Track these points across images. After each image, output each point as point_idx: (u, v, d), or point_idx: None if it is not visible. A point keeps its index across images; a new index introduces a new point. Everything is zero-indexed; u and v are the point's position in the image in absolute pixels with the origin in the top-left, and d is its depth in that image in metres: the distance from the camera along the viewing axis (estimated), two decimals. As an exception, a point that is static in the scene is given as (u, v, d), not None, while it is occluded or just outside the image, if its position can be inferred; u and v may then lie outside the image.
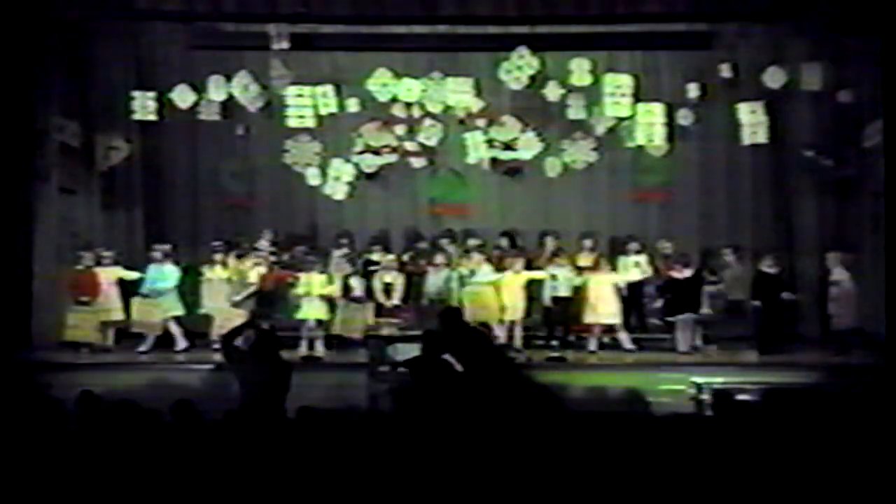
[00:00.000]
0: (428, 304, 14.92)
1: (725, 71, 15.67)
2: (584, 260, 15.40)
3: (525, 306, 15.04)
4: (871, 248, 14.76)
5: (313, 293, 14.78)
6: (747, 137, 15.73)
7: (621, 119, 16.01)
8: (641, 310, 15.63)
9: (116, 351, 14.90)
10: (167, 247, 15.23)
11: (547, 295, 15.03)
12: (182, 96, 15.88)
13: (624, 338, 15.10)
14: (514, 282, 14.93)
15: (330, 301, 14.95)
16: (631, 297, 15.33)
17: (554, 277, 14.98)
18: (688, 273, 14.85)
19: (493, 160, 16.30)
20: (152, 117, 15.85)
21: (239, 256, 15.30)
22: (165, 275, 15.01)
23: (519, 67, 15.80)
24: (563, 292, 14.96)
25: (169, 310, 14.99)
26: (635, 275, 15.25)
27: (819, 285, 14.96)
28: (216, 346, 13.28)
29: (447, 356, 9.06)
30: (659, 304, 15.12)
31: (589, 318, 14.98)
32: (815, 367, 12.95)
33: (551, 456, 6.15)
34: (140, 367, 13.97)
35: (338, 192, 16.25)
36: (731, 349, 14.80)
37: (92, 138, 15.89)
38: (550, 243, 15.68)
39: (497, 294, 14.86)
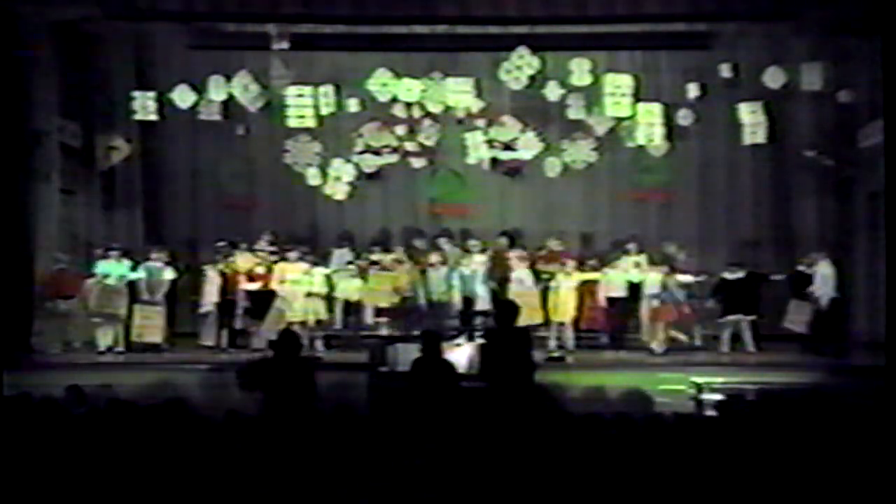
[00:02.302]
0: (427, 304, 14.95)
1: (725, 71, 15.71)
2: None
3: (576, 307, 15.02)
4: (868, 248, 14.73)
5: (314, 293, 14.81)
6: (747, 137, 15.76)
7: (621, 119, 16.03)
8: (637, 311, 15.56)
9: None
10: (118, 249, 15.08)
11: (602, 295, 15.04)
12: (182, 96, 15.90)
13: None
14: (566, 283, 14.91)
15: (329, 300, 14.97)
16: (632, 296, 15.28)
17: (552, 275, 15.01)
18: (741, 274, 14.82)
19: (493, 160, 16.31)
20: (152, 117, 15.90)
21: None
22: (115, 268, 14.89)
23: (519, 67, 15.83)
24: (618, 292, 14.99)
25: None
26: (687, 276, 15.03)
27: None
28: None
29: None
30: (709, 304, 14.99)
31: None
32: (814, 368, 12.93)
33: (552, 456, 6.15)
34: (140, 367, 13.94)
35: (338, 192, 16.27)
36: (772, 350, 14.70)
37: (92, 138, 15.95)
38: (554, 244, 15.66)
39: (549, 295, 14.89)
